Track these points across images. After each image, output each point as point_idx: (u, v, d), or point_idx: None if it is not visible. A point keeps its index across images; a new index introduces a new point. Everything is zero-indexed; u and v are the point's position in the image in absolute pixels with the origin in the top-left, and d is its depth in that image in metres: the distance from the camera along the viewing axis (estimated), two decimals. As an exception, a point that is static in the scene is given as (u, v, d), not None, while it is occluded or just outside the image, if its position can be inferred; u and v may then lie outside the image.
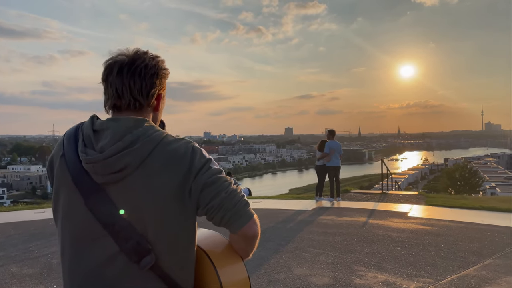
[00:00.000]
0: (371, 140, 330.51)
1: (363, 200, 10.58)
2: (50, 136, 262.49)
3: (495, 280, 4.31)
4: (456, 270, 4.66)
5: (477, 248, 5.51)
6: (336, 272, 4.65)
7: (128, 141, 1.08)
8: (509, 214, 8.09)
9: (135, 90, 1.15)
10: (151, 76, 1.17)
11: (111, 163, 1.07)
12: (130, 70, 1.15)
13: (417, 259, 5.09)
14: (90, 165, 1.09)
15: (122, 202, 1.09)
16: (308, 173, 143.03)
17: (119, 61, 1.16)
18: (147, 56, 1.19)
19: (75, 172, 1.12)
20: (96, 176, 1.10)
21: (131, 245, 1.06)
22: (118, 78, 1.15)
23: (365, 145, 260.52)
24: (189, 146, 1.15)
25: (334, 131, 10.77)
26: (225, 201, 1.12)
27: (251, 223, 1.15)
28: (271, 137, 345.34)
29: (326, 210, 8.99)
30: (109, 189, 1.10)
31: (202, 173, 1.12)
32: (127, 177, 1.09)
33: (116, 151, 1.07)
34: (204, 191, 1.11)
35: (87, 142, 1.13)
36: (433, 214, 8.26)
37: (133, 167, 1.08)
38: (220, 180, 1.14)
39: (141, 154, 1.09)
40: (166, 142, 1.13)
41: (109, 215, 1.08)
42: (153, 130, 1.13)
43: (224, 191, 1.12)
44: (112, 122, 1.14)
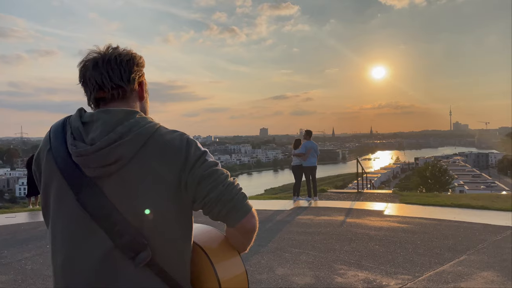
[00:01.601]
0: (344, 140, 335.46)
1: (339, 199, 10.71)
2: (18, 138, 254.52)
3: (470, 275, 4.43)
4: (433, 266, 4.77)
5: (451, 245, 5.67)
6: (317, 271, 4.68)
7: (120, 132, 1.04)
8: (480, 211, 8.37)
9: (115, 77, 1.13)
10: (127, 62, 1.15)
11: (103, 155, 1.03)
12: (105, 60, 1.13)
13: (395, 256, 5.18)
14: (81, 158, 1.04)
15: (116, 195, 1.04)
16: (284, 173, 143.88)
17: (92, 57, 1.14)
18: (118, 49, 1.17)
19: (65, 166, 1.07)
20: (88, 169, 1.05)
21: (126, 240, 1.02)
22: (95, 71, 1.12)
23: (338, 145, 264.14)
24: (184, 137, 1.12)
25: (311, 132, 10.89)
26: (223, 194, 1.09)
27: (249, 216, 1.12)
28: (246, 138, 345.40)
29: (304, 210, 9.06)
30: (102, 183, 1.05)
31: (198, 166, 1.08)
32: (120, 169, 1.04)
33: (108, 143, 1.03)
34: (201, 184, 1.08)
35: (76, 134, 1.08)
36: (408, 212, 8.45)
37: (127, 159, 1.04)
38: (217, 172, 1.11)
39: (134, 146, 1.05)
40: (160, 133, 1.09)
41: (102, 210, 1.03)
42: (146, 121, 1.10)
43: (222, 184, 1.09)
44: (103, 114, 1.10)
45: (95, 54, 1.15)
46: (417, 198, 10.33)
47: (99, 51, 1.15)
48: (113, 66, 1.12)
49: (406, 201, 9.88)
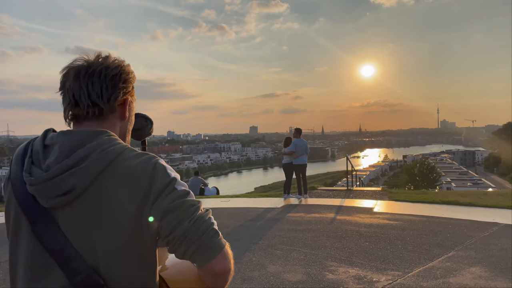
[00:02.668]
0: (333, 138, 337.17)
1: (329, 197, 10.78)
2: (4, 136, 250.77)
3: (459, 271, 4.50)
4: (422, 262, 4.84)
5: (440, 241, 5.75)
6: (309, 268, 4.71)
7: (76, 158, 0.93)
8: (467, 207, 8.49)
9: (93, 94, 1.00)
10: (112, 78, 1.03)
11: (56, 185, 0.93)
12: (88, 72, 1.01)
13: (385, 253, 5.24)
14: (34, 187, 0.94)
15: (71, 229, 0.95)
16: (273, 171, 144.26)
17: (77, 65, 1.03)
18: (108, 59, 1.05)
19: (21, 195, 0.97)
20: (41, 199, 0.95)
21: (81, 279, 0.92)
22: (75, 83, 1.00)
23: (328, 143, 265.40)
24: (151, 162, 0.98)
25: (301, 130, 10.95)
26: (189, 231, 0.95)
27: (220, 257, 0.97)
28: (236, 136, 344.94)
29: (294, 207, 9.09)
30: (57, 214, 0.96)
31: (164, 197, 0.95)
32: (74, 200, 0.94)
33: (61, 171, 0.93)
34: (165, 219, 0.95)
35: (35, 159, 0.99)
36: (397, 209, 8.54)
37: (81, 188, 0.93)
38: (184, 205, 0.97)
39: (91, 173, 0.93)
40: (123, 158, 0.97)
41: (57, 244, 0.94)
42: (110, 143, 0.97)
43: (188, 220, 0.96)
44: (62, 136, 0.99)
45: (80, 62, 1.03)
46: (406, 195, 10.44)
47: (86, 59, 1.04)
48: (95, 80, 1.00)
49: (395, 198, 9.98)
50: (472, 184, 59.12)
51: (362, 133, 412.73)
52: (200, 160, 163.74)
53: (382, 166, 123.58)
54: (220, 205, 9.68)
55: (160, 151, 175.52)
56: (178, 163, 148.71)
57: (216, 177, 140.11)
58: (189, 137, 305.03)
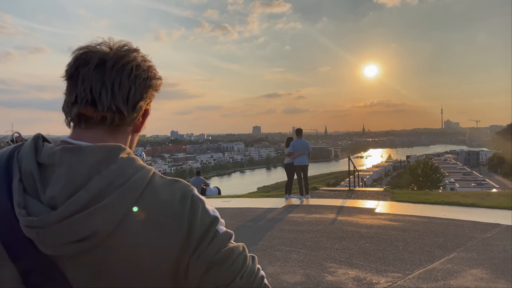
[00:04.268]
0: (337, 138, 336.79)
1: (331, 197, 10.73)
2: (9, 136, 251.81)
3: (460, 273, 4.45)
4: (423, 264, 4.79)
5: (441, 242, 5.69)
6: (308, 270, 4.68)
7: (95, 189, 0.68)
8: (470, 208, 8.43)
9: (119, 95, 0.76)
10: (143, 82, 0.79)
11: (69, 229, 0.66)
12: (117, 65, 0.76)
13: (385, 254, 5.20)
14: (34, 230, 0.66)
15: (83, 282, 0.70)
16: (276, 171, 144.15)
17: (101, 51, 0.77)
18: (138, 54, 0.81)
19: (8, 236, 0.68)
20: (44, 247, 0.68)
21: None
22: (97, 73, 0.74)
23: (331, 143, 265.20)
24: (187, 195, 0.76)
25: (301, 130, 10.87)
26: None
27: None
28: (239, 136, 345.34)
29: (295, 208, 9.05)
30: (64, 264, 0.69)
31: (207, 244, 0.74)
32: (93, 249, 0.68)
33: (77, 208, 0.66)
34: (210, 273, 0.74)
35: (27, 184, 0.70)
36: (399, 210, 8.49)
37: (105, 233, 0.68)
38: (232, 255, 0.77)
39: (118, 212, 0.69)
40: (153, 189, 0.73)
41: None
42: (134, 167, 0.73)
43: (239, 275, 0.76)
44: (69, 155, 0.71)
45: (106, 48, 0.78)
46: (408, 196, 10.38)
47: (111, 45, 0.78)
48: (123, 79, 0.76)
49: (397, 199, 9.92)
50: (476, 185, 58.93)
51: (365, 133, 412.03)
52: (203, 160, 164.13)
53: (385, 166, 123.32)
54: (221, 205, 9.65)
55: (164, 151, 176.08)
56: (182, 163, 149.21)
57: (219, 177, 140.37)
58: (192, 137, 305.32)
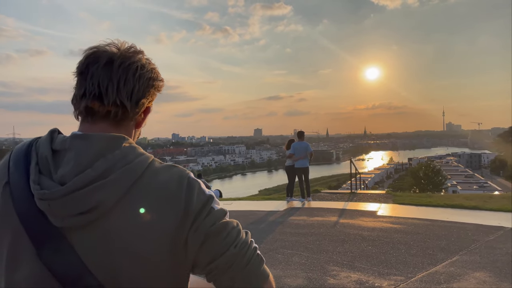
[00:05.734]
0: (338, 141, 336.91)
1: (333, 200, 10.71)
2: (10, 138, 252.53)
3: (463, 276, 4.42)
4: (425, 267, 4.76)
5: (444, 245, 5.66)
6: (310, 273, 4.65)
7: (100, 169, 0.78)
8: (472, 211, 8.39)
9: (123, 91, 0.85)
10: (147, 81, 0.90)
11: (76, 200, 0.76)
12: (123, 65, 0.86)
13: (388, 257, 5.16)
14: (45, 202, 0.77)
15: (90, 253, 0.78)
16: (278, 173, 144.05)
17: (109, 51, 0.87)
18: (143, 56, 0.92)
19: (25, 210, 0.79)
20: (54, 217, 0.77)
21: None
22: (105, 71, 0.85)
23: (332, 146, 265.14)
24: (184, 176, 0.86)
25: (303, 132, 10.85)
26: (235, 258, 0.83)
27: (267, 285, 0.87)
28: (240, 138, 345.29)
29: (297, 211, 9.03)
30: (72, 236, 0.78)
31: (203, 218, 0.83)
32: (98, 220, 0.78)
33: (83, 183, 0.76)
34: (206, 244, 0.82)
35: (42, 166, 0.81)
36: (401, 213, 8.45)
37: (107, 207, 0.78)
38: (227, 227, 0.85)
39: (119, 188, 0.78)
40: (152, 171, 0.83)
41: (71, 271, 0.76)
42: (135, 153, 0.83)
43: (233, 245, 0.84)
44: (78, 140, 0.82)
45: (114, 49, 0.88)
46: (410, 199, 10.35)
47: (119, 46, 0.89)
48: (129, 77, 0.86)
49: (399, 201, 9.89)
50: (478, 187, 58.86)
51: (367, 136, 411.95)
52: (205, 162, 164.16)
53: (387, 168, 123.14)
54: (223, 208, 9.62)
55: (165, 153, 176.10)
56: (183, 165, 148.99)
57: (220, 179, 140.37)
58: (193, 140, 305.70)
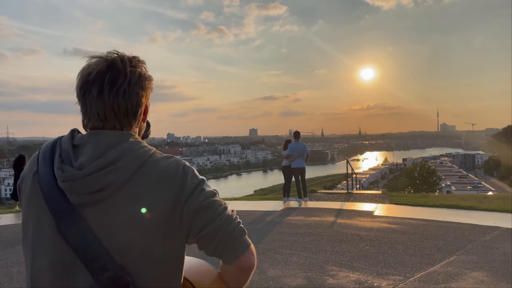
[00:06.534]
0: (333, 141, 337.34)
1: (329, 200, 10.74)
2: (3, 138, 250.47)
3: (461, 276, 4.46)
4: (423, 267, 4.79)
5: (441, 245, 5.70)
6: (309, 273, 4.67)
7: (111, 157, 0.96)
8: (468, 211, 8.46)
9: (120, 114, 1.02)
10: (136, 95, 1.04)
11: (91, 182, 0.94)
12: (112, 91, 1.00)
13: (386, 257, 5.19)
14: (67, 183, 0.95)
15: (100, 226, 0.95)
16: (273, 173, 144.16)
17: (98, 80, 1.00)
18: (127, 68, 1.03)
19: (49, 191, 0.98)
20: (72, 195, 0.96)
21: (108, 277, 0.92)
22: (99, 101, 1.00)
23: (327, 146, 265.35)
24: (180, 164, 1.04)
25: (299, 133, 10.90)
26: (221, 228, 1.00)
27: (248, 253, 1.04)
28: (235, 138, 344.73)
29: (294, 211, 9.05)
30: (86, 211, 0.96)
31: (196, 196, 1.00)
32: (108, 198, 0.95)
33: (97, 168, 0.95)
34: (198, 216, 0.99)
35: (65, 158, 1.00)
36: (398, 213, 8.50)
37: (116, 186, 0.95)
38: (215, 204, 1.02)
39: (126, 172, 0.96)
40: (154, 159, 1.01)
41: (83, 242, 0.93)
42: (139, 146, 1.01)
43: (220, 217, 1.01)
44: (93, 137, 1.01)
45: (101, 73, 1.01)
46: (406, 199, 10.40)
47: (103, 64, 1.02)
48: (120, 101, 1.01)
49: (395, 201, 9.94)
50: (472, 188, 59.10)
51: (362, 136, 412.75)
52: (200, 162, 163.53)
53: (382, 169, 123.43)
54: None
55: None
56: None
57: (215, 179, 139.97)
58: (188, 140, 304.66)
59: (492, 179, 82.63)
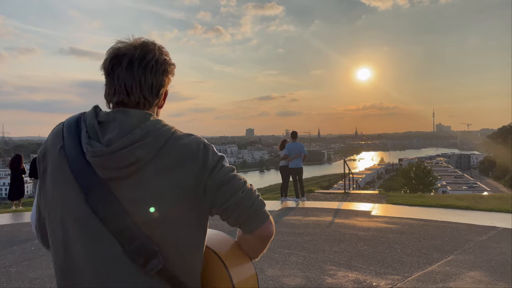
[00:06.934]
0: (330, 141, 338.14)
1: (327, 200, 10.77)
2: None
3: (458, 275, 4.48)
4: (421, 266, 4.82)
5: (439, 245, 5.73)
6: (308, 272, 4.68)
7: (139, 134, 1.00)
8: (465, 211, 8.50)
9: (145, 88, 1.08)
10: (162, 73, 1.10)
11: (120, 157, 0.98)
12: (142, 64, 1.06)
13: (384, 257, 5.21)
14: (97, 158, 0.99)
15: (128, 199, 1.00)
16: (270, 173, 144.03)
17: (129, 53, 1.07)
18: (155, 49, 1.10)
19: (77, 166, 1.01)
20: (102, 170, 1.00)
21: (135, 246, 0.98)
22: (128, 73, 1.06)
23: (324, 146, 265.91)
24: (200, 141, 1.09)
25: (296, 133, 10.89)
26: (243, 200, 1.07)
27: (268, 223, 1.11)
28: (232, 138, 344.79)
29: (292, 210, 9.06)
30: (114, 185, 1.00)
31: (217, 171, 1.06)
32: (136, 172, 1.00)
33: (126, 144, 0.99)
34: (221, 189, 1.05)
35: (91, 133, 1.03)
36: (395, 213, 8.53)
37: (144, 162, 1.00)
38: (236, 178, 1.08)
39: (152, 148, 1.01)
40: (176, 136, 1.06)
41: (112, 213, 0.99)
42: (161, 124, 1.06)
43: (241, 190, 1.07)
44: (120, 114, 1.05)
45: (131, 48, 1.07)
46: (403, 199, 10.44)
47: (134, 43, 1.08)
48: (147, 75, 1.07)
49: (392, 201, 9.97)
50: (468, 188, 59.34)
51: (358, 136, 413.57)
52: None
53: (378, 169, 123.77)
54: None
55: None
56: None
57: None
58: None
59: (488, 179, 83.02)
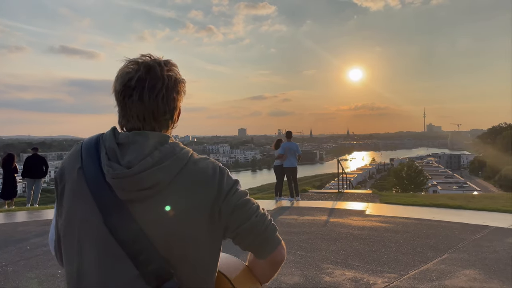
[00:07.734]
0: (322, 141, 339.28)
1: (321, 199, 10.84)
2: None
3: (453, 273, 4.56)
4: (417, 264, 4.89)
5: (433, 244, 5.81)
6: (305, 271, 4.72)
7: (157, 157, 1.02)
8: (457, 210, 8.61)
9: (159, 117, 1.10)
10: (173, 99, 1.12)
11: (140, 179, 1.00)
12: (152, 95, 1.07)
13: (380, 256, 5.28)
14: (118, 180, 1.00)
15: (147, 221, 1.01)
16: (262, 173, 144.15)
17: (139, 86, 1.06)
18: (164, 74, 1.09)
19: (96, 187, 1.03)
20: (122, 192, 1.01)
21: (152, 269, 0.99)
22: (140, 105, 1.07)
23: (316, 146, 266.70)
24: (216, 165, 1.11)
25: (291, 132, 10.95)
26: (256, 225, 1.08)
27: (280, 247, 1.12)
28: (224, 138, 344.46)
29: (287, 210, 9.11)
30: (133, 207, 1.01)
31: (231, 195, 1.08)
32: (155, 195, 1.01)
33: (146, 167, 1.00)
34: (235, 213, 1.07)
35: (110, 155, 1.04)
36: (389, 212, 8.62)
37: (164, 184, 1.01)
38: (249, 203, 1.10)
39: (172, 172, 1.02)
40: (193, 160, 1.08)
41: (130, 235, 0.99)
42: (179, 147, 1.08)
43: (255, 215, 1.09)
44: (139, 137, 1.06)
45: (141, 80, 1.06)
46: (396, 198, 10.55)
47: (142, 69, 1.07)
48: (159, 105, 1.07)
49: (386, 201, 10.08)
50: (458, 187, 59.95)
51: (350, 136, 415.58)
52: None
53: (369, 169, 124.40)
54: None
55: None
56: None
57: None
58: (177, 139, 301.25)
59: (477, 179, 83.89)
